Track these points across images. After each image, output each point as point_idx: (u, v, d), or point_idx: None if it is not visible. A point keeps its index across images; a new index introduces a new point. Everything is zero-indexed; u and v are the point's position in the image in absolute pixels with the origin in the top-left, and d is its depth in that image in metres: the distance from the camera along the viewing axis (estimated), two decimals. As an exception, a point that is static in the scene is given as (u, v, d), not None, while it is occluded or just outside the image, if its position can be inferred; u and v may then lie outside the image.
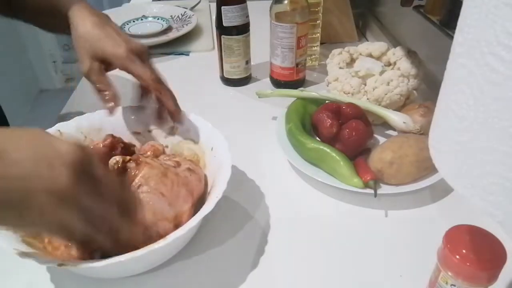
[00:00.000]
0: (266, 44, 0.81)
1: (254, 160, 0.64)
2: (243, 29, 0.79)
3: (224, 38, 0.79)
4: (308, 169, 0.59)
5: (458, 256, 0.34)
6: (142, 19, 1.12)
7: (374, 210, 0.56)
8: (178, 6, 1.17)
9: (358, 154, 0.61)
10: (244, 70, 0.84)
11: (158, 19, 1.11)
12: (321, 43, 0.90)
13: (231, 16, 0.76)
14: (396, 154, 0.56)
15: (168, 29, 1.07)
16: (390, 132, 0.68)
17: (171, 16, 1.12)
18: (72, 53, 2.47)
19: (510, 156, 0.22)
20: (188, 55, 0.99)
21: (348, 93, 0.68)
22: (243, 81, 0.85)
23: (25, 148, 0.33)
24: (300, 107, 0.68)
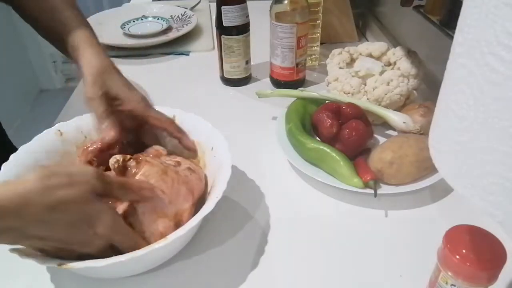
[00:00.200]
0: (266, 44, 0.81)
1: (254, 160, 0.64)
2: (243, 29, 0.79)
3: (224, 38, 0.79)
4: (308, 169, 0.59)
5: (458, 256, 0.34)
6: (142, 19, 1.12)
7: (374, 210, 0.56)
8: (178, 6, 1.17)
9: (358, 154, 0.61)
10: (244, 70, 0.84)
11: (158, 19, 1.11)
12: (321, 43, 0.90)
13: (231, 16, 0.76)
14: (396, 154, 0.56)
15: (168, 29, 1.07)
16: (390, 132, 0.68)
17: (171, 16, 1.13)
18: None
19: (510, 156, 0.22)
20: (188, 55, 0.99)
21: (348, 93, 0.68)
22: (243, 81, 0.85)
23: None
24: (300, 107, 0.68)
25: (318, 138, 0.64)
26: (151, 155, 0.53)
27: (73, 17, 0.57)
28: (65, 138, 0.55)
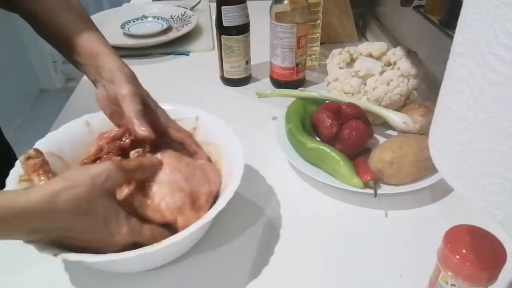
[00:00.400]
0: (266, 44, 0.81)
1: (254, 160, 0.64)
2: (243, 29, 0.79)
3: (224, 38, 0.79)
4: (308, 169, 0.59)
5: (458, 256, 0.34)
6: (142, 19, 1.12)
7: (374, 210, 0.56)
8: (178, 6, 1.17)
9: (358, 154, 0.61)
10: (244, 70, 0.84)
11: (158, 19, 1.11)
12: (321, 43, 0.90)
13: (231, 16, 0.76)
14: (396, 154, 0.56)
15: (168, 29, 1.07)
16: (390, 132, 0.69)
17: (171, 16, 1.13)
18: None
19: (510, 156, 0.22)
20: (188, 55, 0.99)
21: (348, 93, 0.68)
22: (243, 81, 0.85)
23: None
24: (300, 107, 0.68)
25: (318, 138, 0.64)
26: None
27: (81, 20, 0.58)
28: (91, 129, 0.56)
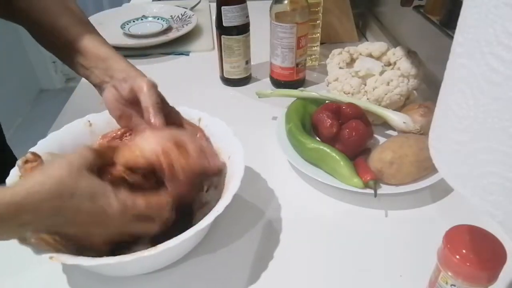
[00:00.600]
0: (266, 44, 0.81)
1: (254, 160, 0.64)
2: (243, 29, 0.79)
3: (224, 38, 0.79)
4: (308, 169, 0.59)
5: (458, 256, 0.34)
6: (142, 19, 1.12)
7: (374, 210, 0.56)
8: (178, 6, 1.17)
9: (358, 154, 0.61)
10: (244, 70, 0.84)
11: (158, 19, 1.11)
12: (321, 43, 0.90)
13: (231, 16, 0.76)
14: (396, 154, 0.56)
15: (168, 29, 1.07)
16: (390, 132, 0.68)
17: (171, 16, 1.13)
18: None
19: (510, 156, 0.22)
20: (188, 55, 0.99)
21: (348, 93, 0.68)
22: (243, 81, 0.85)
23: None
24: (300, 107, 0.68)
25: (318, 138, 0.64)
26: None
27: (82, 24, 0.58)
28: (93, 129, 0.56)
